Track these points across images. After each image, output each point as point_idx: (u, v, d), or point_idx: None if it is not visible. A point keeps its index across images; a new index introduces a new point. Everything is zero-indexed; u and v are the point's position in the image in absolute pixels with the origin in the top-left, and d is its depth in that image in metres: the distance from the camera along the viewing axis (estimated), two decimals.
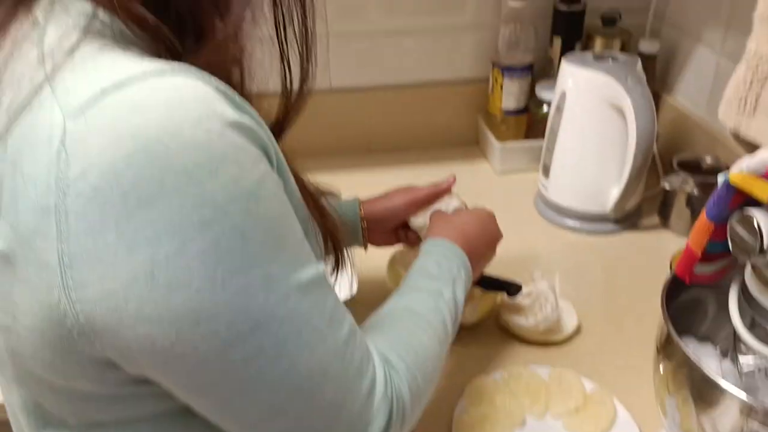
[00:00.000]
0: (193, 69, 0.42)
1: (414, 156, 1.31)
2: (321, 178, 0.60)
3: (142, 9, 0.43)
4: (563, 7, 1.21)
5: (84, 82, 0.39)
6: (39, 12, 0.43)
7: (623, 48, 1.22)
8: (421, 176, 0.96)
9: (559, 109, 1.06)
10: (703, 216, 0.59)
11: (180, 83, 0.40)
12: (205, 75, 0.42)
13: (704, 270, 0.63)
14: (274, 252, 0.42)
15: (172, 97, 0.39)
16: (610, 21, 1.21)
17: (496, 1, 1.23)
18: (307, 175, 0.56)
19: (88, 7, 0.43)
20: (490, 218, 0.82)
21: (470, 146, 1.34)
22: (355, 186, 0.90)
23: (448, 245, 0.72)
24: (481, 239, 0.78)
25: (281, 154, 0.48)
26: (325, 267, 0.50)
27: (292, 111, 0.55)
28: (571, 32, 1.23)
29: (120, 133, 0.37)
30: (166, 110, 0.38)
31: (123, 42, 0.43)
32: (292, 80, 0.54)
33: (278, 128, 0.55)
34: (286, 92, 0.55)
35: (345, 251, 0.63)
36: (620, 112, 1.00)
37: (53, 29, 0.42)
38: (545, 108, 1.21)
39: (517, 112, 1.26)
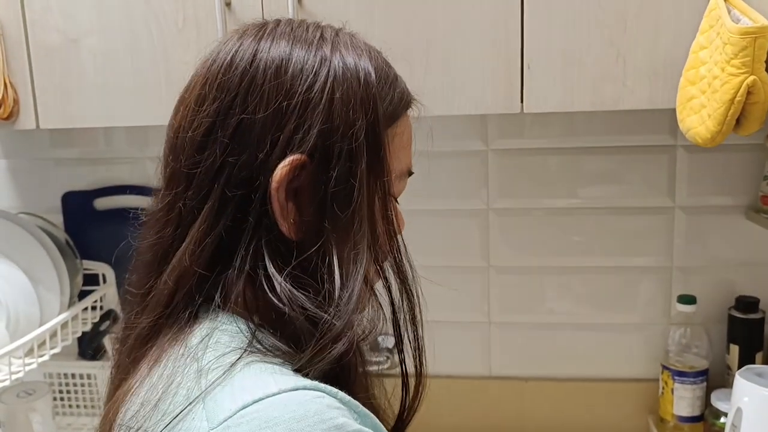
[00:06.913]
0: (322, 384, 0.47)
1: None
2: None
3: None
4: (738, 314, 1.17)
5: (230, 398, 0.46)
6: (199, 330, 0.51)
7: None
8: None
9: (735, 427, 0.97)
10: None
11: (307, 398, 0.45)
12: (332, 388, 0.47)
13: None
14: None
15: (298, 415, 0.44)
16: None
17: (666, 303, 1.23)
18: None
19: (245, 328, 0.51)
20: None
21: None
22: None
23: None
24: None
25: None
26: None
27: (413, 399, 0.59)
28: (749, 341, 1.16)
29: None
30: (292, 424, 0.44)
31: (270, 354, 0.50)
32: (406, 365, 0.58)
33: (400, 423, 0.58)
34: (405, 381, 0.59)
35: None
36: None
37: (212, 350, 0.49)
38: (723, 419, 1.11)
39: (692, 420, 1.16)
